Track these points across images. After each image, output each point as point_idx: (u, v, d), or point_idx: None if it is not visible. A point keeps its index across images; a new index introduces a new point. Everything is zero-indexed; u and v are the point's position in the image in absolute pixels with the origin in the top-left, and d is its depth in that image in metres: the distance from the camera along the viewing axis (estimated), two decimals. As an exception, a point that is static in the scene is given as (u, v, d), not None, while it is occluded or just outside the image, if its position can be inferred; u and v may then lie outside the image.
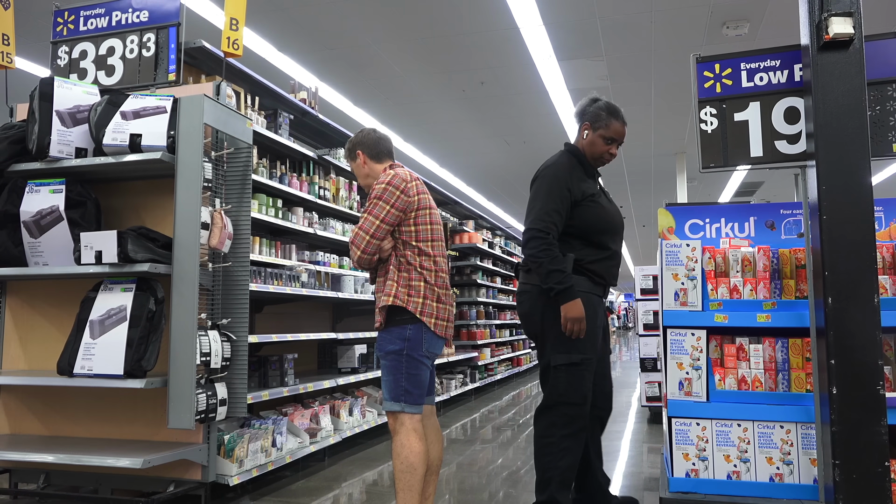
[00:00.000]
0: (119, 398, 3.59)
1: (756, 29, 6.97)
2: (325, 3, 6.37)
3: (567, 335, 2.86)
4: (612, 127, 3.06)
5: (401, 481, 2.72)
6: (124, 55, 3.84)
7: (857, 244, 2.59)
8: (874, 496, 2.54)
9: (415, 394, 2.79)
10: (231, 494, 3.76)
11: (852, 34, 2.63)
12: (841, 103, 2.67)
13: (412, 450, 2.72)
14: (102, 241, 3.17)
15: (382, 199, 2.80)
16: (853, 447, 2.56)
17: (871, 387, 2.56)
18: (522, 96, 9.01)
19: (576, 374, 2.88)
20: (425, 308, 2.81)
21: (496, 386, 10.12)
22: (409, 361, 2.78)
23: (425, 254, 2.86)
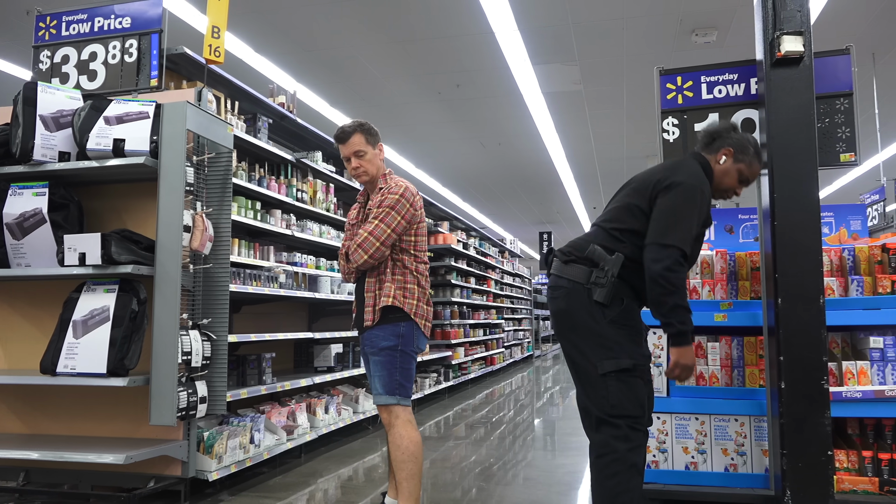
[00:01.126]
0: (100, 396, 3.67)
1: (724, 37, 7.20)
2: (301, 6, 6.46)
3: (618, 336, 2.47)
4: (754, 168, 2.66)
5: (403, 471, 2.86)
6: (107, 60, 3.91)
7: (804, 249, 2.78)
8: (818, 483, 2.73)
9: (407, 386, 2.96)
10: (210, 490, 3.85)
11: (802, 52, 2.82)
12: (792, 116, 2.85)
13: (411, 439, 2.88)
14: (86, 243, 3.25)
15: (395, 210, 2.94)
16: (799, 438, 2.75)
17: (816, 382, 2.75)
18: (497, 99, 9.17)
19: (627, 382, 2.43)
20: (418, 310, 2.98)
21: (469, 385, 10.27)
22: (402, 356, 2.94)
23: (421, 260, 3.06)
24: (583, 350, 2.51)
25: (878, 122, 8.86)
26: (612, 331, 2.46)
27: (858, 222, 3.58)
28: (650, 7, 6.56)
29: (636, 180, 2.63)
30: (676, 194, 2.46)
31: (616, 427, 2.41)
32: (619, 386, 2.43)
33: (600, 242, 2.54)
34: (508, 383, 10.89)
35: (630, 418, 2.42)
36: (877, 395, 3.09)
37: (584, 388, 2.55)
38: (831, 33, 7.03)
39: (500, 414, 7.27)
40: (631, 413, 2.42)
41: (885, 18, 6.82)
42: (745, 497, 3.15)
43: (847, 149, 3.06)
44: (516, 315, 15.67)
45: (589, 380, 2.50)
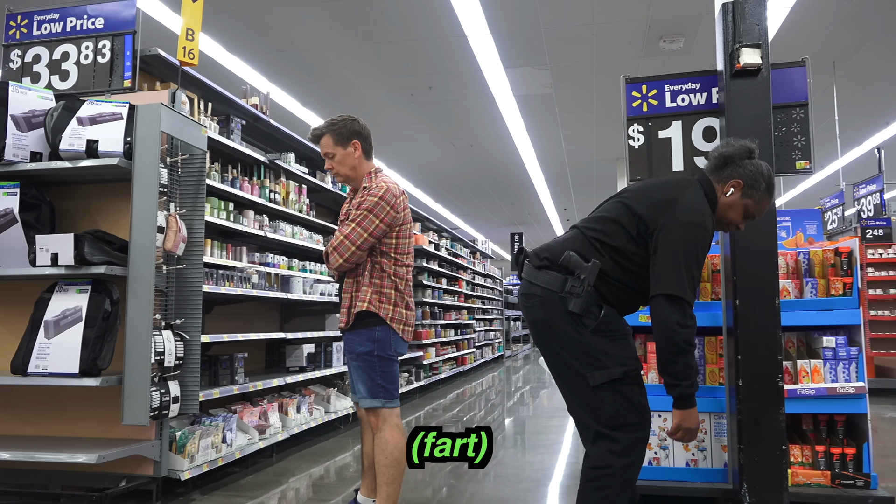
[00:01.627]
0: (71, 397, 3.67)
1: (691, 44, 7.38)
2: (274, 7, 6.48)
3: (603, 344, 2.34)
4: (763, 205, 2.49)
5: (384, 475, 2.87)
6: (79, 61, 3.90)
7: (761, 252, 2.91)
8: (773, 477, 2.86)
9: (390, 389, 2.94)
10: (182, 489, 3.87)
11: (760, 64, 2.95)
12: (750, 125, 2.98)
13: (396, 445, 2.88)
14: (58, 243, 3.25)
15: (373, 213, 2.88)
16: (755, 433, 2.87)
17: (772, 380, 2.87)
18: (469, 101, 9.27)
19: (621, 391, 2.32)
20: (395, 314, 2.94)
21: (441, 385, 10.34)
22: (380, 361, 2.91)
23: (401, 264, 2.99)
24: (569, 362, 2.37)
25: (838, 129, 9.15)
26: (597, 339, 2.32)
27: (814, 227, 3.73)
28: (619, 13, 6.71)
29: (632, 198, 2.43)
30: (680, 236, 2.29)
31: (615, 441, 2.30)
32: (615, 396, 2.30)
33: (577, 249, 2.38)
34: (479, 383, 10.99)
35: (631, 426, 2.31)
36: (829, 392, 3.24)
37: (576, 401, 2.42)
38: (793, 42, 7.25)
39: (471, 413, 7.36)
40: (631, 421, 2.31)
41: (844, 29, 7.06)
42: (705, 490, 3.28)
43: (802, 156, 3.19)
44: (487, 315, 15.79)
45: (581, 393, 2.37)
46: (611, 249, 2.37)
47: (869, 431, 3.25)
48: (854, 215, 9.53)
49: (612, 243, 2.37)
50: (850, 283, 3.34)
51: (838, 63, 7.94)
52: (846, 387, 3.24)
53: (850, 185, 9.94)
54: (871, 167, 9.67)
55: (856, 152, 11.76)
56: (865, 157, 11.78)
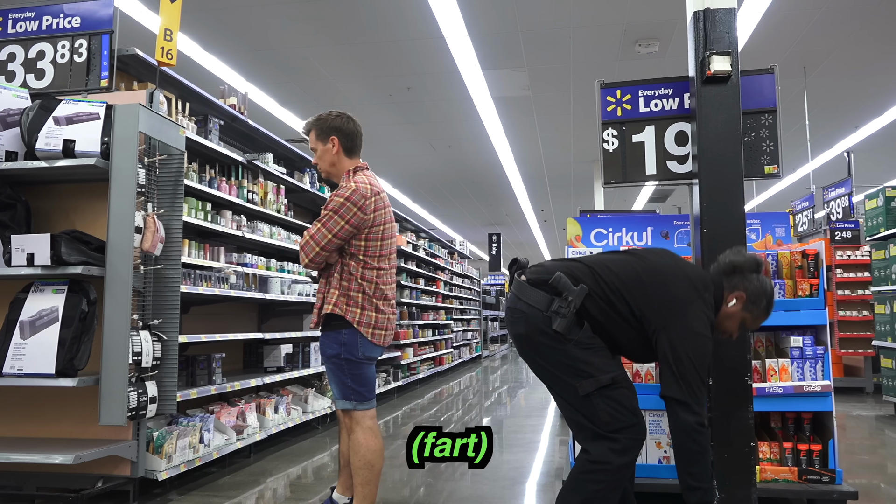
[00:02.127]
0: (47, 398, 3.64)
1: (666, 48, 7.50)
2: (252, 6, 6.47)
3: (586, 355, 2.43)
4: (758, 321, 2.58)
5: (359, 476, 2.89)
6: (55, 59, 3.88)
7: (730, 254, 2.98)
8: (742, 472, 2.94)
9: (362, 391, 2.93)
10: (159, 490, 3.87)
11: (730, 71, 3.02)
12: (720, 130, 3.05)
13: (368, 448, 2.89)
14: (35, 243, 3.24)
15: (338, 214, 2.84)
16: (725, 431, 2.95)
17: (741, 378, 2.95)
18: (448, 102, 9.31)
19: (612, 395, 2.40)
20: (363, 318, 2.90)
21: (418, 385, 10.38)
22: (348, 364, 2.91)
23: (369, 267, 2.92)
24: (556, 374, 2.48)
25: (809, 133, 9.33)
26: (579, 352, 2.42)
27: (783, 229, 3.83)
28: (595, 17, 6.79)
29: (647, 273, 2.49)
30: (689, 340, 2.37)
31: (615, 441, 2.38)
32: (606, 402, 2.39)
33: (569, 273, 2.48)
34: (457, 383, 11.04)
35: (628, 429, 2.39)
36: (796, 390, 3.33)
37: (571, 409, 2.50)
38: (765, 48, 7.40)
39: (449, 413, 7.40)
40: (627, 424, 2.39)
41: (814, 35, 7.22)
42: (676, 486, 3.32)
43: (771, 161, 3.28)
44: (465, 316, 15.85)
45: (574, 401, 2.46)
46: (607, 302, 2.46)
47: (834, 428, 3.36)
48: (824, 218, 9.73)
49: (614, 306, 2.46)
50: (817, 284, 3.44)
51: (809, 69, 8.11)
52: (813, 385, 3.34)
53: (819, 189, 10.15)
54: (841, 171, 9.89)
55: (826, 156, 12.01)
56: (835, 161, 12.03)
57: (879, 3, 6.50)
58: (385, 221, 3.00)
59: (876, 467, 4.43)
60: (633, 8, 6.56)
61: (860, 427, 5.99)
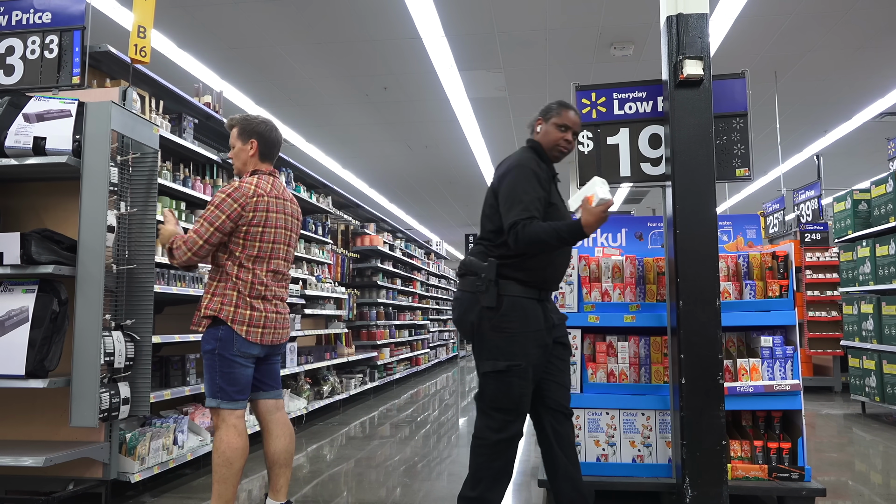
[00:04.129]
0: (16, 399, 3.58)
1: (640, 51, 7.58)
2: (226, 3, 6.42)
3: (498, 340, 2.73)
4: (564, 114, 2.92)
5: (216, 473, 2.89)
6: (25, 55, 3.81)
7: (702, 255, 3.03)
8: (714, 470, 2.99)
9: (229, 391, 2.92)
10: (131, 492, 3.82)
11: (702, 75, 3.07)
12: (692, 134, 3.10)
13: (229, 445, 2.89)
14: (4, 242, 3.18)
15: (219, 209, 2.91)
16: (697, 429, 3.00)
17: (713, 377, 3.00)
18: (424, 102, 9.31)
19: (503, 381, 2.73)
20: (236, 316, 2.92)
21: (395, 385, 10.37)
22: (221, 360, 2.92)
23: (245, 267, 2.97)
24: (475, 351, 2.86)
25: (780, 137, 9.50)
26: (493, 335, 2.75)
27: (753, 231, 3.90)
28: (571, 20, 6.85)
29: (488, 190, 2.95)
30: (508, 178, 2.81)
31: (491, 418, 2.77)
32: (496, 384, 2.75)
33: (474, 253, 2.88)
34: (434, 383, 11.04)
35: (504, 411, 2.75)
36: (766, 389, 3.40)
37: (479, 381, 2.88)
38: (736, 53, 7.52)
39: (425, 413, 7.40)
40: (504, 407, 2.75)
41: (785, 41, 7.35)
42: (650, 485, 3.40)
43: (742, 164, 3.34)
44: (442, 316, 15.86)
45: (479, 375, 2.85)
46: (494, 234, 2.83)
47: (803, 427, 3.42)
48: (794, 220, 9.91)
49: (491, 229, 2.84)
50: (787, 285, 3.51)
51: (779, 73, 8.26)
52: (782, 384, 3.40)
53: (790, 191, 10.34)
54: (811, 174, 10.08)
55: (796, 159, 12.23)
56: (805, 164, 12.25)
57: (847, 12, 6.64)
58: (267, 224, 3.02)
59: (844, 464, 4.53)
60: (608, 11, 6.63)
61: (829, 425, 6.11)
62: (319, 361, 6.77)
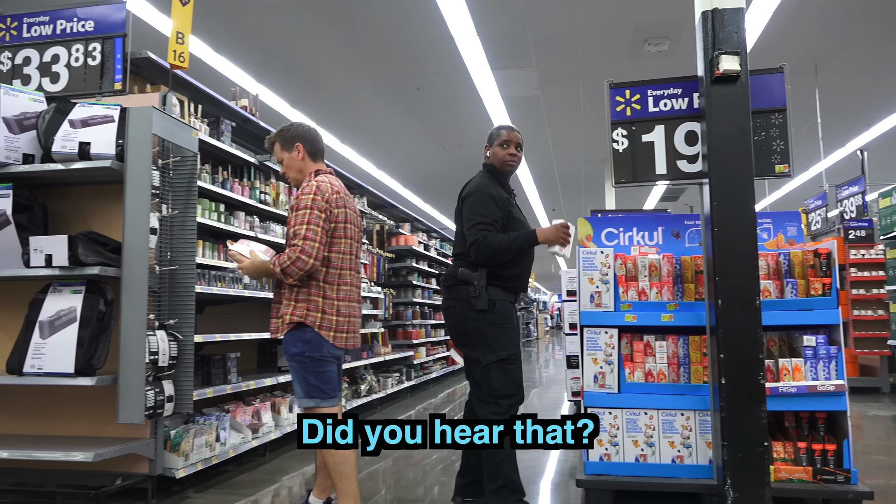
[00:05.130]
0: (66, 396, 3.70)
1: (675, 46, 7.48)
2: (261, 7, 6.51)
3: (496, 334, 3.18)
4: (504, 134, 3.41)
5: (336, 472, 2.92)
6: (69, 63, 3.93)
7: (741, 254, 2.98)
8: (756, 472, 2.93)
9: (325, 389, 2.96)
10: (176, 487, 3.91)
11: (739, 70, 3.02)
12: (729, 130, 3.05)
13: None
14: (53, 245, 3.28)
15: (316, 209, 2.91)
16: (738, 430, 2.95)
17: (753, 378, 2.95)
18: (457, 102, 9.32)
19: (504, 369, 3.18)
20: (324, 322, 2.94)
21: (431, 384, 10.40)
22: (312, 361, 2.93)
23: (331, 269, 2.97)
24: (473, 350, 3.23)
25: (821, 131, 9.28)
26: (492, 331, 3.19)
27: (794, 228, 3.82)
28: (604, 16, 6.79)
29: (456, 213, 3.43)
30: (468, 202, 3.30)
31: (497, 405, 3.16)
32: (499, 373, 3.18)
33: (461, 266, 3.28)
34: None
35: (507, 397, 3.17)
36: (810, 389, 3.33)
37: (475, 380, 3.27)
38: (776, 46, 7.37)
39: (462, 412, 7.40)
40: (508, 392, 3.18)
41: (826, 33, 7.18)
42: (690, 486, 3.35)
43: (781, 160, 3.27)
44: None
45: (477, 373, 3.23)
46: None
47: (849, 428, 3.34)
48: (837, 216, 9.67)
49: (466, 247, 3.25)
50: (829, 283, 3.43)
51: (820, 66, 8.06)
52: (826, 385, 3.33)
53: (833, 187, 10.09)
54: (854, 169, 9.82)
55: (839, 154, 11.92)
56: (848, 159, 11.94)
57: (890, 1, 6.46)
58: (346, 220, 3.06)
59: (893, 468, 4.41)
60: (642, 6, 6.55)
61: (876, 427, 5.96)
62: (357, 361, 6.84)
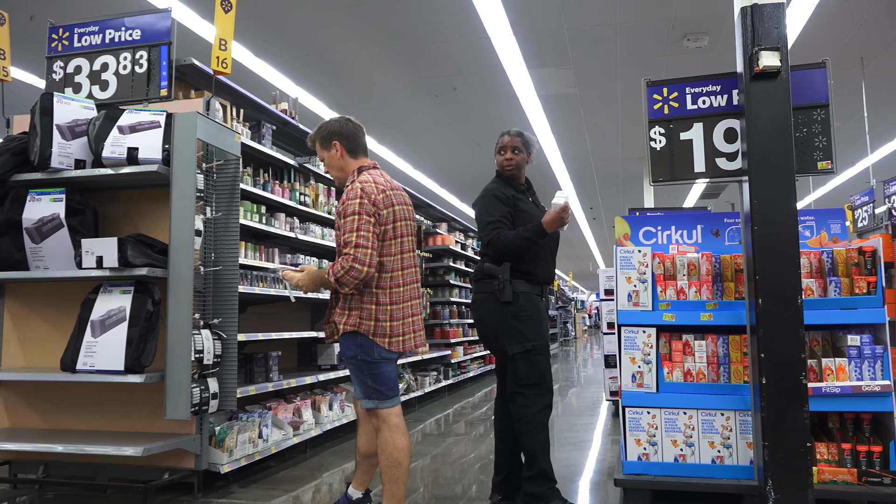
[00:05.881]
0: (115, 393, 3.83)
1: (715, 42, 7.37)
2: (298, 11, 6.61)
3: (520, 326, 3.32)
4: (499, 141, 3.64)
5: (386, 475, 2.89)
6: (118, 71, 4.07)
7: (782, 252, 2.94)
8: (798, 473, 2.89)
9: (383, 390, 2.89)
10: (221, 482, 4.02)
11: (779, 66, 2.98)
12: (769, 127, 3.01)
13: (395, 446, 2.86)
14: (103, 247, 3.41)
15: (364, 214, 2.79)
16: (779, 431, 2.91)
17: (795, 378, 2.91)
18: (494, 102, 9.33)
19: (531, 359, 3.32)
20: (377, 330, 2.85)
21: (469, 383, 10.43)
22: (366, 364, 2.87)
23: (384, 273, 2.88)
24: (499, 341, 3.38)
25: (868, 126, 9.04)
26: (516, 323, 3.33)
27: (838, 226, 3.74)
28: (642, 13, 6.73)
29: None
30: (477, 207, 3.57)
31: (524, 396, 3.32)
32: (525, 363, 3.32)
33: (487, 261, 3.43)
34: (506, 381, 11.03)
35: (534, 386, 3.32)
36: (854, 390, 3.27)
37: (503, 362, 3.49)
38: (820, 39, 7.21)
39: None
40: (534, 382, 3.32)
41: (872, 25, 6.99)
42: (730, 487, 3.32)
43: (824, 157, 3.22)
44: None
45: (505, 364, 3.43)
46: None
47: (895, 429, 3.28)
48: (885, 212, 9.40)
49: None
50: (875, 281, 3.37)
51: (867, 59, 7.86)
52: (872, 385, 3.27)
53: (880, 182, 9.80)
54: (903, 163, 9.55)
55: (886, 149, 11.59)
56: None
57: (942, -10, 6.27)
58: (395, 219, 2.94)
59: (940, 469, 4.29)
60: (680, 2, 6.48)
61: (924, 428, 5.79)
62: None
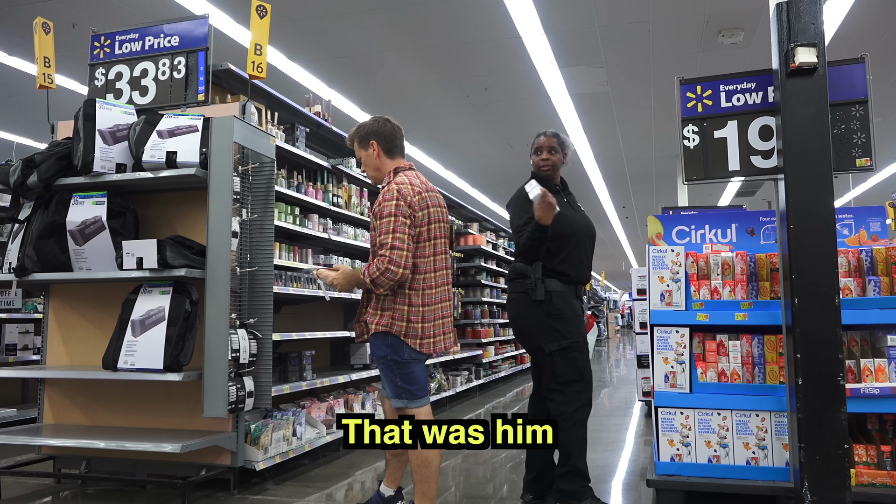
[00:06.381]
0: (154, 391, 3.93)
1: (751, 37, 7.26)
2: (330, 14, 6.69)
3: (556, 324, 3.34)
4: (535, 142, 3.65)
5: (417, 474, 2.92)
6: (157, 77, 4.17)
7: (819, 251, 2.90)
8: (835, 475, 2.85)
9: (412, 390, 2.91)
10: (256, 479, 4.09)
11: (816, 63, 2.94)
12: (806, 124, 2.97)
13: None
14: (143, 248, 3.50)
15: (400, 216, 2.82)
16: (816, 432, 2.87)
17: (832, 378, 2.87)
18: (525, 101, 9.31)
19: (568, 357, 3.33)
20: (409, 331, 2.87)
21: (500, 383, 10.42)
22: (396, 364, 2.89)
23: (417, 274, 2.89)
24: (535, 340, 3.40)
25: (909, 120, 8.81)
26: (551, 321, 3.34)
27: (878, 224, 3.67)
28: (676, 9, 6.65)
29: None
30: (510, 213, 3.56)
31: (563, 394, 3.34)
32: (562, 360, 3.33)
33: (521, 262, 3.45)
34: (538, 381, 11.00)
35: (571, 383, 3.34)
36: (894, 391, 3.20)
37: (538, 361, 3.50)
38: (859, 34, 7.05)
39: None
40: (572, 379, 3.34)
41: (913, 17, 6.82)
42: (766, 489, 3.28)
43: (863, 154, 3.16)
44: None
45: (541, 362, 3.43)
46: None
47: (937, 431, 3.20)
48: (928, 209, 9.16)
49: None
50: (916, 280, 3.29)
51: (908, 53, 7.67)
52: (912, 386, 3.20)
53: (923, 178, 9.55)
54: (947, 159, 9.30)
55: (930, 143, 11.28)
56: (941, 148, 11.29)
57: None
58: (430, 221, 2.95)
59: None
60: (715, -2, 6.40)
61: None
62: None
